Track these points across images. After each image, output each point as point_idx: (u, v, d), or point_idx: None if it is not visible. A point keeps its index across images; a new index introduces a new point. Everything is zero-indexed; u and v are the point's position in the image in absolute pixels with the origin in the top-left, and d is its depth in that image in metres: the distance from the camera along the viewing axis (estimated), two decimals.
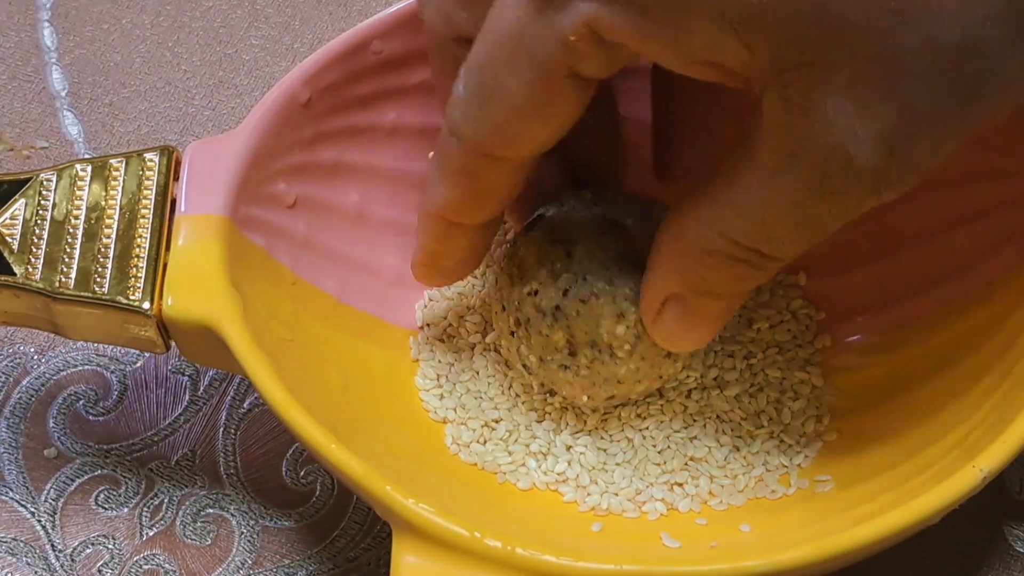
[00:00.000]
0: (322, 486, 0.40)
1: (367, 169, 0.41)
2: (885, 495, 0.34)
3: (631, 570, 0.32)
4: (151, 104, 0.49)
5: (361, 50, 0.40)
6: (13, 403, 0.42)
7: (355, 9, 0.51)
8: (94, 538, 0.39)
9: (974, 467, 0.32)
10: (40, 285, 0.36)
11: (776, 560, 0.31)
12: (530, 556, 0.32)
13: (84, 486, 0.41)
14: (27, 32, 0.51)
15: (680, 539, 0.36)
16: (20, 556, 0.39)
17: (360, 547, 0.39)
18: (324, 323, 0.39)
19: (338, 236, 0.41)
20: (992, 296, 0.38)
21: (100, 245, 0.37)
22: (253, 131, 0.38)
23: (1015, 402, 0.34)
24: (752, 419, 0.39)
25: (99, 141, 0.48)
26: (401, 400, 0.40)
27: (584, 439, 0.39)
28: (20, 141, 0.48)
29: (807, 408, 0.40)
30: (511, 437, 0.39)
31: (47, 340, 0.43)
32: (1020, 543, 0.39)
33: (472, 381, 0.40)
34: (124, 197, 0.37)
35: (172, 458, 0.41)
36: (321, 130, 0.40)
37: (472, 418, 0.40)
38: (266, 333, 0.36)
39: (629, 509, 0.38)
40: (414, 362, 0.41)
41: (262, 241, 0.38)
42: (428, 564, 0.32)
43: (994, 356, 0.37)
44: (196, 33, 0.51)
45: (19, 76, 0.50)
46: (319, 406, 0.35)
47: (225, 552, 0.39)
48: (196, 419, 0.42)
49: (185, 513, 0.40)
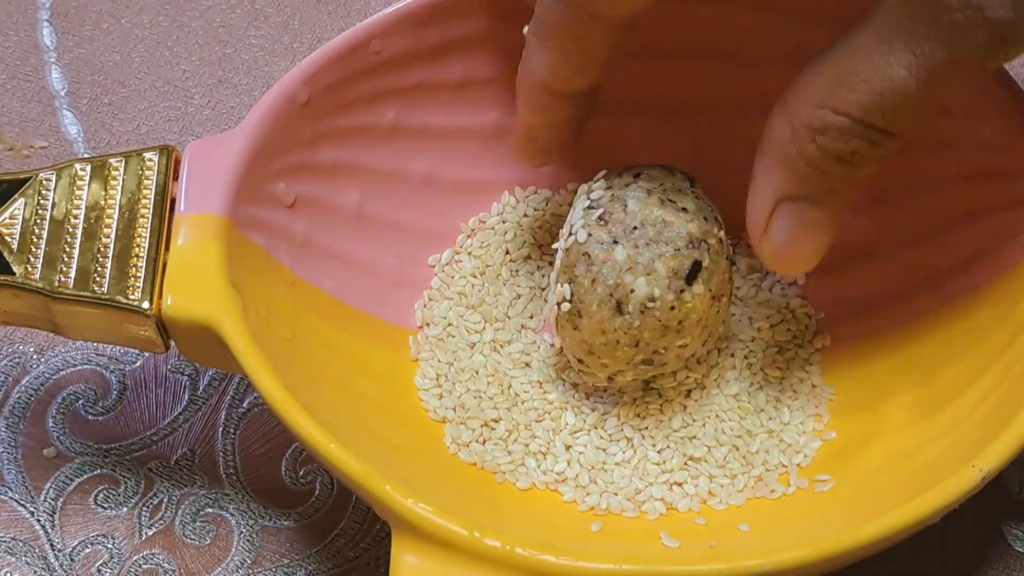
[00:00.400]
0: (321, 486, 0.40)
1: (367, 169, 0.41)
2: (884, 495, 0.34)
3: (630, 570, 0.32)
4: (150, 103, 0.49)
5: (360, 50, 0.40)
6: (12, 403, 0.42)
7: (354, 9, 0.51)
8: (93, 537, 0.39)
9: (973, 467, 0.32)
10: (39, 285, 0.36)
11: (776, 560, 0.31)
12: (529, 556, 0.32)
13: (83, 486, 0.40)
14: (26, 31, 0.51)
15: (679, 539, 0.36)
16: (19, 556, 0.39)
17: (359, 547, 0.39)
18: (324, 323, 0.39)
19: (338, 236, 0.41)
20: (992, 296, 0.38)
21: (99, 244, 0.37)
22: (252, 131, 0.38)
23: (1014, 402, 0.34)
24: (752, 418, 0.39)
25: (98, 140, 0.48)
26: (400, 400, 0.40)
27: (583, 438, 0.39)
28: (19, 140, 0.48)
29: (807, 407, 0.40)
30: (510, 437, 0.39)
31: (46, 340, 0.43)
32: (1019, 543, 0.39)
33: (472, 381, 0.40)
34: (123, 197, 0.37)
35: (171, 458, 0.41)
36: (320, 130, 0.40)
37: (471, 418, 0.40)
38: (265, 333, 0.36)
39: (628, 509, 0.38)
40: (413, 362, 0.41)
41: (262, 241, 0.38)
42: (427, 564, 0.32)
43: (993, 356, 0.37)
44: (195, 33, 0.51)
45: (18, 75, 0.50)
46: (318, 405, 0.35)
47: (224, 552, 0.39)
48: (195, 419, 0.42)
49: (184, 512, 0.40)
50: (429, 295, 0.42)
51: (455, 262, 0.43)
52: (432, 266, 0.43)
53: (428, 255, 0.43)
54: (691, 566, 0.32)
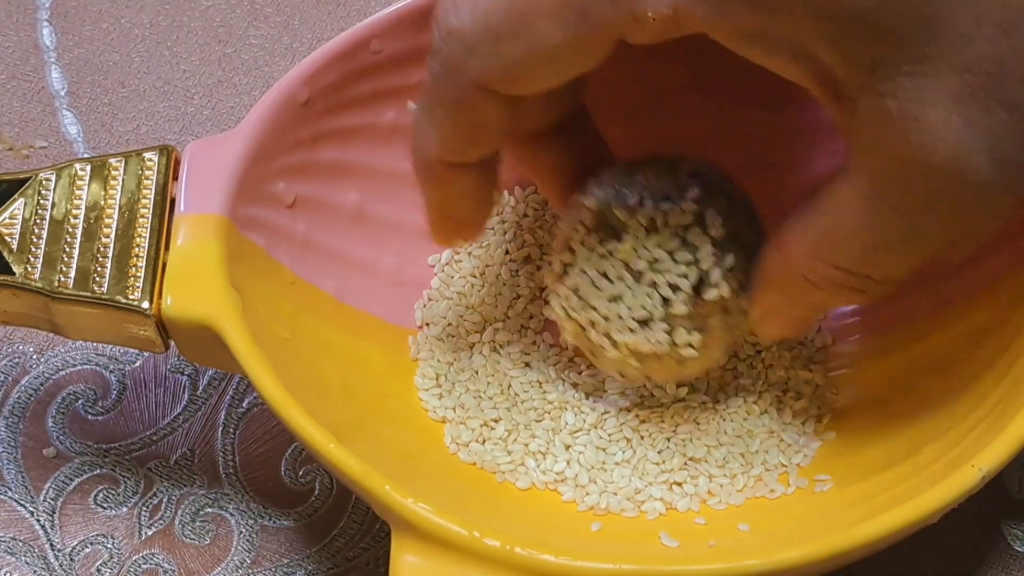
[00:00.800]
0: (321, 485, 0.40)
1: (366, 168, 0.41)
2: (884, 494, 0.34)
3: (630, 569, 0.32)
4: (150, 103, 0.49)
5: (360, 49, 0.40)
6: (12, 403, 0.42)
7: (354, 8, 0.51)
8: (93, 537, 0.39)
9: (973, 466, 0.32)
10: (39, 284, 0.36)
11: (775, 559, 0.31)
12: (529, 555, 0.32)
13: (83, 485, 0.41)
14: (26, 31, 0.51)
15: (679, 538, 0.36)
16: (19, 555, 0.39)
17: (359, 546, 0.39)
18: (323, 323, 0.39)
19: (337, 236, 0.41)
20: (991, 296, 0.38)
21: (99, 244, 0.37)
22: (252, 131, 0.38)
23: (1014, 401, 0.34)
24: (754, 419, 0.39)
25: (98, 140, 0.48)
26: (400, 399, 0.40)
27: (583, 438, 0.39)
28: (19, 140, 0.48)
29: (808, 407, 0.40)
30: (510, 436, 0.39)
31: (46, 339, 0.43)
32: (1019, 542, 0.39)
33: (471, 380, 0.40)
34: (123, 196, 0.37)
35: (171, 457, 0.41)
36: (320, 129, 0.40)
37: (471, 417, 0.40)
38: (265, 333, 0.36)
39: (628, 508, 0.38)
40: (413, 361, 0.41)
41: (261, 241, 0.38)
42: (427, 563, 0.32)
43: (993, 355, 0.37)
44: (195, 32, 0.51)
45: (18, 75, 0.50)
46: (318, 405, 0.35)
47: (224, 551, 0.39)
48: (195, 418, 0.42)
49: (184, 512, 0.40)
50: (429, 295, 0.42)
51: (455, 262, 0.43)
52: (432, 266, 0.43)
53: (428, 255, 0.43)
54: (691, 566, 0.32)
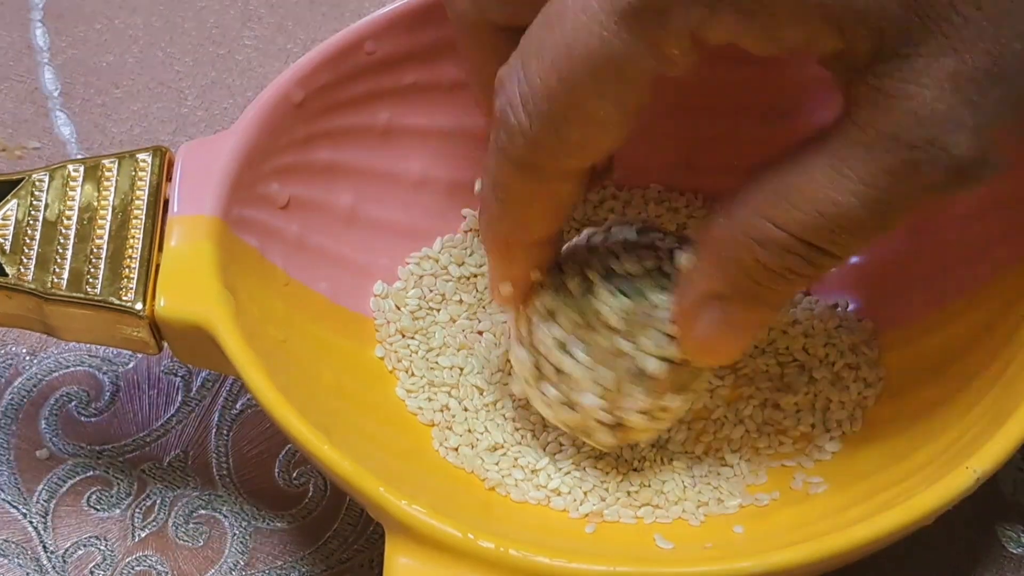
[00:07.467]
0: (315, 487, 0.40)
1: (360, 170, 0.41)
2: (878, 496, 0.34)
3: (625, 571, 0.32)
4: (144, 104, 0.49)
5: (354, 51, 0.40)
6: (5, 404, 0.42)
7: (348, 10, 0.51)
8: (86, 539, 0.39)
9: (968, 468, 0.32)
10: (32, 286, 0.36)
11: (769, 561, 0.31)
12: (523, 557, 0.32)
13: (76, 487, 0.40)
14: (19, 32, 0.51)
15: (673, 540, 0.36)
16: (11, 557, 0.39)
17: (353, 548, 0.39)
18: (317, 324, 0.39)
19: (331, 237, 0.41)
20: (984, 298, 0.38)
21: (92, 246, 0.37)
22: (246, 132, 0.38)
23: (1008, 403, 0.34)
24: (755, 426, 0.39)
25: (92, 141, 0.48)
26: (393, 401, 0.40)
27: (572, 453, 0.39)
28: (12, 141, 0.48)
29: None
30: (496, 452, 0.39)
31: (39, 341, 0.43)
32: (1013, 544, 0.39)
33: (454, 389, 0.40)
34: (117, 198, 0.37)
35: (164, 459, 0.41)
36: (314, 130, 0.40)
37: (457, 423, 0.39)
38: (259, 334, 0.36)
39: (624, 516, 0.38)
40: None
41: (255, 242, 0.38)
42: (421, 565, 0.32)
43: (987, 357, 0.37)
44: (189, 34, 0.51)
45: (11, 76, 0.50)
46: (312, 407, 0.35)
47: (217, 553, 0.39)
48: (188, 420, 0.42)
49: (177, 514, 0.40)
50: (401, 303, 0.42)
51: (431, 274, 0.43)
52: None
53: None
54: (685, 567, 0.32)
